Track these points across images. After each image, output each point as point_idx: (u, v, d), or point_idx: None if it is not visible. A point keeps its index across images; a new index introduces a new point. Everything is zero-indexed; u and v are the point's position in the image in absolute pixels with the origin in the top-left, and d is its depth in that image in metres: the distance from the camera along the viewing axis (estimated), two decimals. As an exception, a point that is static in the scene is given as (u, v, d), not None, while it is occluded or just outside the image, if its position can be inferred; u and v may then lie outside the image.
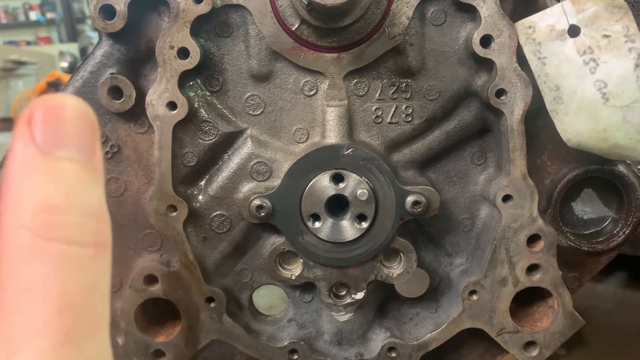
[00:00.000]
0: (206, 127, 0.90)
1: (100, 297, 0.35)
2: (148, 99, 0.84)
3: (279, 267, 0.92)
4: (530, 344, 0.95)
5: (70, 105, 0.36)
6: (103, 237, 0.36)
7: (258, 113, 0.91)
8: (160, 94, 0.84)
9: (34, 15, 9.58)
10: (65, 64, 5.47)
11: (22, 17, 9.61)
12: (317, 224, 0.88)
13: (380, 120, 0.91)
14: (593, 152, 0.86)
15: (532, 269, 0.91)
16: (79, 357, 0.32)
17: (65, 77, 3.92)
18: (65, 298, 0.32)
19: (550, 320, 0.93)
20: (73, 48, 6.42)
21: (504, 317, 0.93)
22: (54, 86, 3.94)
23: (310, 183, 0.87)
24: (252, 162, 0.91)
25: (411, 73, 0.89)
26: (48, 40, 9.19)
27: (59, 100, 0.36)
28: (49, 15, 9.50)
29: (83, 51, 5.97)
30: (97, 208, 0.36)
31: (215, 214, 0.93)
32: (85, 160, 0.36)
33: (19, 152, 0.34)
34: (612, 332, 1.50)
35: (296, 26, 0.85)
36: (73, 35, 8.50)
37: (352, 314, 0.96)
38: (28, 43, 9.10)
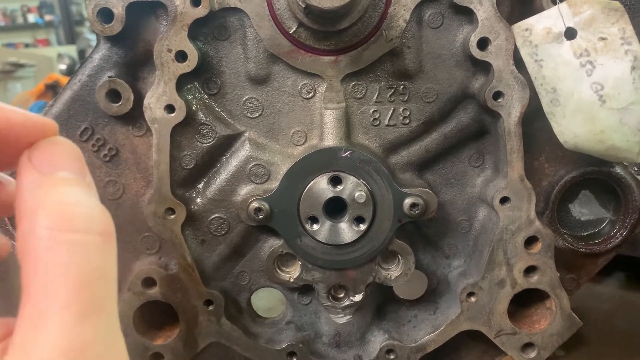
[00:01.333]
0: (204, 130, 0.90)
1: (110, 278, 0.40)
2: (146, 102, 0.84)
3: (277, 270, 0.92)
4: (528, 346, 0.95)
5: (61, 142, 0.44)
6: (108, 227, 0.41)
7: (256, 116, 0.91)
8: (158, 97, 0.84)
9: (32, 18, 9.55)
10: (63, 66, 5.45)
11: (20, 20, 9.58)
12: (315, 227, 0.88)
13: (378, 122, 0.91)
14: (590, 154, 0.86)
15: (529, 270, 0.91)
16: (94, 329, 0.37)
17: (64, 80, 3.91)
18: (81, 279, 0.37)
19: (548, 322, 0.93)
20: (71, 50, 6.40)
21: (502, 319, 0.93)
22: (52, 88, 3.93)
23: (308, 185, 0.87)
24: (250, 165, 0.91)
25: (409, 76, 0.89)
26: (46, 43, 9.17)
27: (50, 139, 0.43)
28: (47, 17, 9.48)
29: (81, 53, 5.95)
30: (99, 205, 0.42)
31: (213, 216, 0.93)
32: (80, 178, 0.42)
33: (24, 177, 0.41)
34: (611, 333, 1.50)
35: (294, 29, 0.85)
36: (71, 37, 8.48)
37: (350, 316, 0.96)
38: (26, 45, 9.08)
